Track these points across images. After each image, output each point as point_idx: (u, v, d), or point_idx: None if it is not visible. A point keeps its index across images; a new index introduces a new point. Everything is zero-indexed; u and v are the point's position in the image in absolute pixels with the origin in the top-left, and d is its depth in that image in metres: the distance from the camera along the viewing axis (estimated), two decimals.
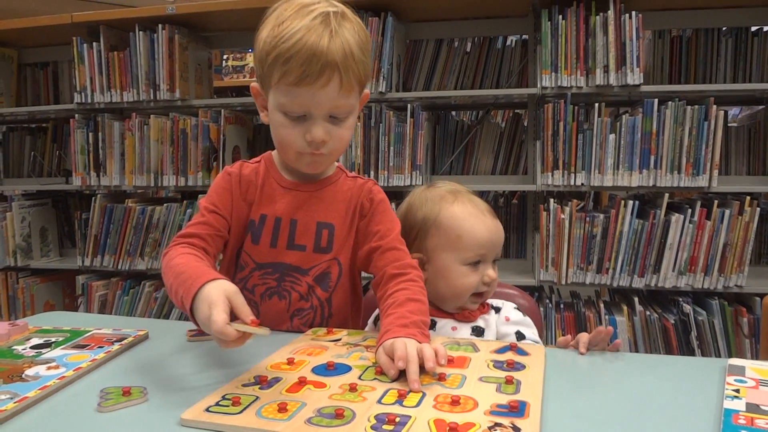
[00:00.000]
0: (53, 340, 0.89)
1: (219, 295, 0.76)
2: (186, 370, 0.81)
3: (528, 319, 1.06)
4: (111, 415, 0.66)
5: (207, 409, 0.65)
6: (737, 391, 0.65)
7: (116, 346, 0.86)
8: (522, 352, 0.81)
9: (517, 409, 0.62)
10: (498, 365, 0.77)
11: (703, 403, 0.65)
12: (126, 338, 0.90)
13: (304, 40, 0.87)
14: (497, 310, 1.07)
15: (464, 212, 1.02)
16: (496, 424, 0.59)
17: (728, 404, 0.62)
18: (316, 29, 0.87)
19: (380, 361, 0.78)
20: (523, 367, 0.76)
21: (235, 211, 1.01)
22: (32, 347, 0.86)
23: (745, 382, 0.68)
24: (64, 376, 0.74)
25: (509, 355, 0.80)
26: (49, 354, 0.83)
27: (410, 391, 0.69)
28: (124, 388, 0.70)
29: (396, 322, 0.84)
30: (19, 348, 0.86)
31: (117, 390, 0.70)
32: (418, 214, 1.05)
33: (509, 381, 0.70)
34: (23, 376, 0.74)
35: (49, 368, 0.76)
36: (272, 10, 0.94)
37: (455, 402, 0.65)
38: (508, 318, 1.04)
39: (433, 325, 1.03)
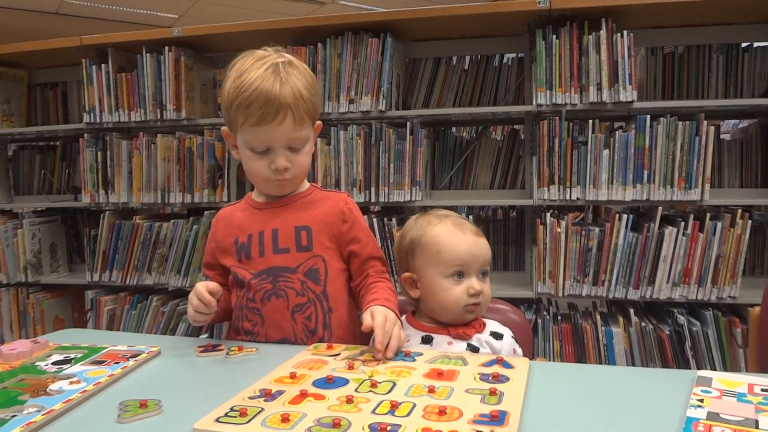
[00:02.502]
0: (72, 356, 0.96)
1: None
2: (196, 383, 0.87)
3: (519, 349, 1.12)
4: (130, 425, 0.73)
5: (217, 420, 0.71)
6: (701, 401, 0.71)
7: (131, 362, 0.93)
8: (507, 366, 0.87)
9: (498, 418, 0.68)
10: (484, 378, 0.83)
11: (669, 412, 0.70)
12: (140, 354, 0.97)
13: (260, 89, 1.06)
14: (498, 336, 1.11)
15: (444, 231, 1.12)
16: None
17: (691, 413, 0.68)
18: (269, 78, 1.07)
19: (365, 318, 1.00)
20: (507, 379, 0.82)
21: (222, 245, 1.19)
22: (53, 363, 0.92)
23: (710, 392, 0.74)
24: (85, 390, 0.80)
25: (495, 368, 0.86)
26: (69, 370, 0.89)
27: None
28: (141, 400, 0.76)
29: (383, 296, 1.08)
30: (42, 364, 0.92)
31: (134, 403, 0.76)
32: (406, 238, 1.16)
33: (493, 392, 0.76)
34: (48, 390, 0.81)
35: (71, 383, 0.83)
36: (233, 64, 1.13)
37: (442, 412, 0.71)
38: (515, 351, 1.10)
39: (429, 341, 1.09)
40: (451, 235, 1.10)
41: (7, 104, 2.83)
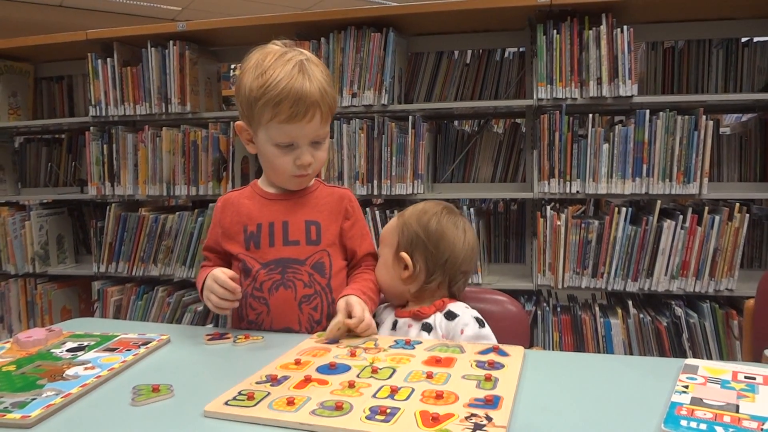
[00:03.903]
0: (86, 344, 1.00)
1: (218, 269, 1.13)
2: (205, 369, 0.91)
3: (486, 332, 1.10)
4: (143, 408, 0.76)
5: (226, 403, 0.75)
6: (686, 387, 0.74)
7: (143, 349, 0.97)
8: (503, 353, 0.91)
9: (492, 402, 0.72)
10: (480, 365, 0.86)
11: (655, 397, 0.74)
12: (150, 342, 1.01)
13: (290, 86, 1.08)
14: (451, 316, 1.12)
15: None
16: (472, 414, 0.69)
17: (675, 398, 0.71)
18: (297, 77, 1.09)
19: (338, 308, 1.07)
20: (502, 366, 0.85)
21: (230, 231, 1.21)
22: (68, 350, 0.96)
23: (696, 379, 0.77)
24: (100, 376, 0.84)
25: (491, 356, 0.90)
26: (84, 356, 0.93)
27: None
28: (153, 385, 0.80)
29: (357, 287, 1.15)
30: (57, 351, 0.96)
31: (147, 387, 0.80)
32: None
33: (488, 378, 0.80)
34: (64, 375, 0.85)
35: (86, 369, 0.87)
36: (249, 59, 1.14)
37: (439, 396, 0.74)
38: (463, 332, 1.09)
39: (394, 326, 1.17)
40: None
41: (13, 97, 2.87)
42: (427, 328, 1.11)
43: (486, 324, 1.12)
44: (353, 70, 2.29)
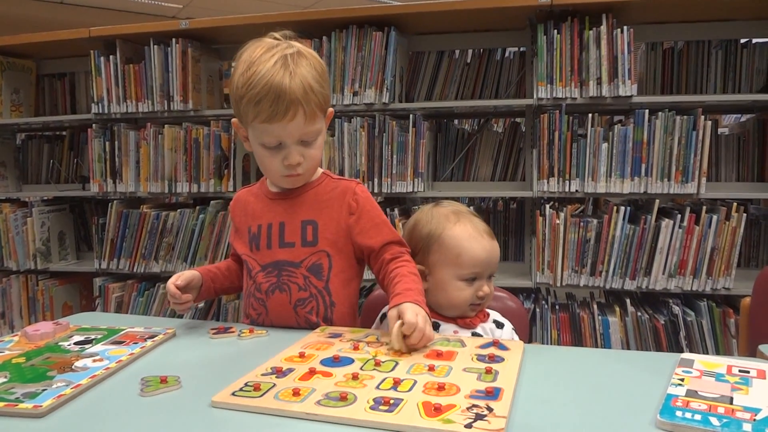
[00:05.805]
0: (93, 337, 1.01)
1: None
2: (212, 362, 0.93)
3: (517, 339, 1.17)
4: (152, 399, 0.78)
5: (233, 394, 0.77)
6: (682, 380, 0.76)
7: (149, 343, 0.98)
8: (503, 347, 0.93)
9: (493, 394, 0.73)
10: (481, 358, 0.88)
11: (652, 389, 0.76)
12: (156, 335, 1.02)
13: (270, 84, 1.03)
14: (499, 325, 1.17)
15: (465, 233, 1.14)
16: (474, 405, 0.70)
17: (671, 390, 0.73)
18: (278, 72, 1.04)
19: (391, 322, 0.96)
20: (502, 359, 0.87)
21: (240, 231, 1.23)
22: (75, 343, 0.98)
23: (691, 372, 0.79)
24: (108, 368, 0.86)
25: (491, 350, 0.92)
26: (92, 349, 0.95)
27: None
28: (161, 376, 0.82)
29: (406, 287, 1.03)
30: (65, 344, 0.98)
31: (155, 378, 0.82)
32: (423, 230, 1.18)
33: (489, 371, 0.82)
34: (73, 367, 0.86)
35: (94, 361, 0.89)
36: (241, 53, 1.10)
37: (441, 388, 0.76)
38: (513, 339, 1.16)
39: (436, 327, 1.14)
40: (470, 239, 1.13)
41: (15, 94, 2.88)
42: (479, 336, 1.13)
43: None
44: (354, 68, 2.30)
